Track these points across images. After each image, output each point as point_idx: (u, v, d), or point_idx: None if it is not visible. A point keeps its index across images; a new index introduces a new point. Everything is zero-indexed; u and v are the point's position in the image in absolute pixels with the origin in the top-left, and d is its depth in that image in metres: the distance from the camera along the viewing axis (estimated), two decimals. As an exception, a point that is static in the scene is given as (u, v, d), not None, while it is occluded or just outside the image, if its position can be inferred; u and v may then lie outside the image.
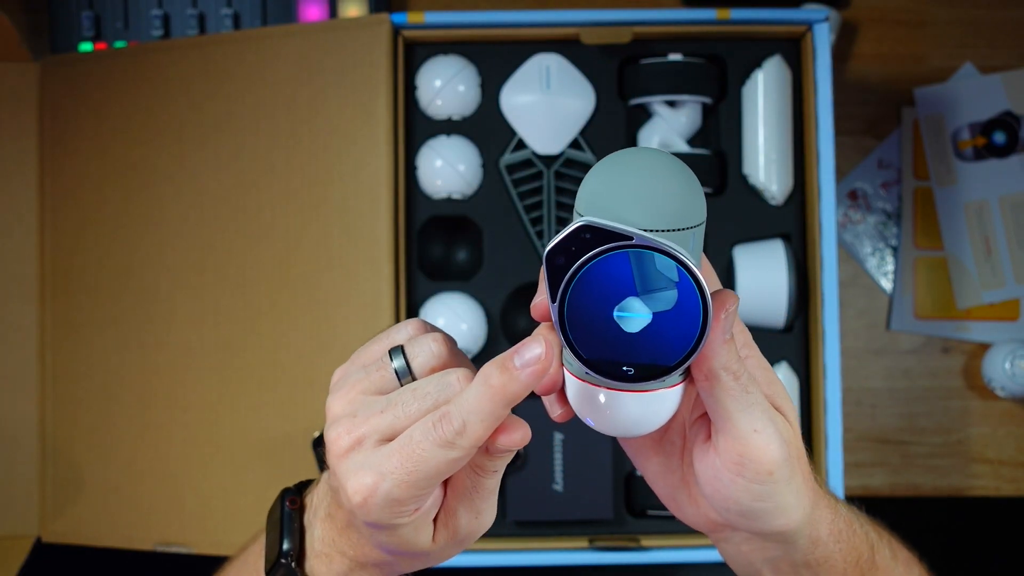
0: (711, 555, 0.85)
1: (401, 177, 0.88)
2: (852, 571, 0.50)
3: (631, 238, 0.40)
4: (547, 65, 0.89)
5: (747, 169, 0.89)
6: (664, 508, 0.87)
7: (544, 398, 0.46)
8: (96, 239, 0.92)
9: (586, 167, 0.89)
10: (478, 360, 0.88)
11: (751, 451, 0.43)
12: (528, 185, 0.90)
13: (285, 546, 0.56)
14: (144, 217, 0.91)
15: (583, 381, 0.43)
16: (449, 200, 0.89)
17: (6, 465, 0.93)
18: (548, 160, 0.90)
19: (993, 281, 1.04)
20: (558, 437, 0.86)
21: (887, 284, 1.05)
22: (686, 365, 0.41)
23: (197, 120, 0.90)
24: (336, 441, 0.49)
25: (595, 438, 0.86)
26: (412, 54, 0.90)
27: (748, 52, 0.89)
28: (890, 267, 1.05)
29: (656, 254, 0.40)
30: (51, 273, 0.94)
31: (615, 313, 0.41)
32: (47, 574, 0.95)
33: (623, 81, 0.90)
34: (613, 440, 0.87)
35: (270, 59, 0.89)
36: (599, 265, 0.40)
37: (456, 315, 0.86)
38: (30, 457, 0.93)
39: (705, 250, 0.44)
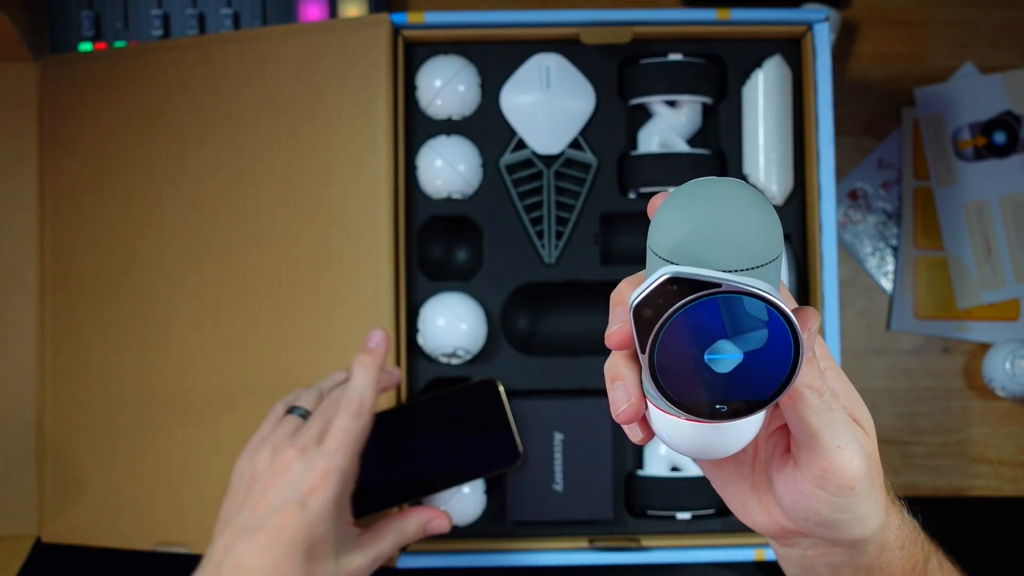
0: (711, 555, 0.85)
1: (401, 177, 0.88)
2: None
3: (719, 285, 0.40)
4: (547, 65, 0.89)
5: (747, 169, 0.89)
6: (664, 508, 0.87)
7: (629, 427, 0.47)
8: (96, 239, 0.92)
9: (586, 167, 0.89)
10: (478, 360, 0.89)
11: (834, 467, 0.44)
12: (528, 185, 0.90)
13: None
14: (144, 217, 0.91)
15: (668, 414, 0.44)
16: (449, 200, 0.89)
17: (6, 465, 0.93)
18: (548, 160, 0.90)
19: (993, 281, 1.04)
20: (558, 437, 0.86)
21: (887, 284, 1.05)
22: (779, 398, 0.42)
23: (197, 120, 0.90)
24: (283, 460, 0.70)
25: (595, 438, 0.86)
26: (412, 54, 0.90)
27: (748, 52, 0.89)
28: (890, 267, 1.05)
29: (744, 297, 0.40)
30: (51, 273, 0.94)
31: (706, 356, 0.41)
32: (47, 574, 0.95)
33: (623, 81, 0.90)
34: (613, 440, 0.87)
35: (270, 59, 0.89)
36: (688, 313, 0.40)
37: (456, 315, 0.86)
38: (30, 457, 0.93)
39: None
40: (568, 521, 0.87)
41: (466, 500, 0.86)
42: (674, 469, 0.88)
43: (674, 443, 0.46)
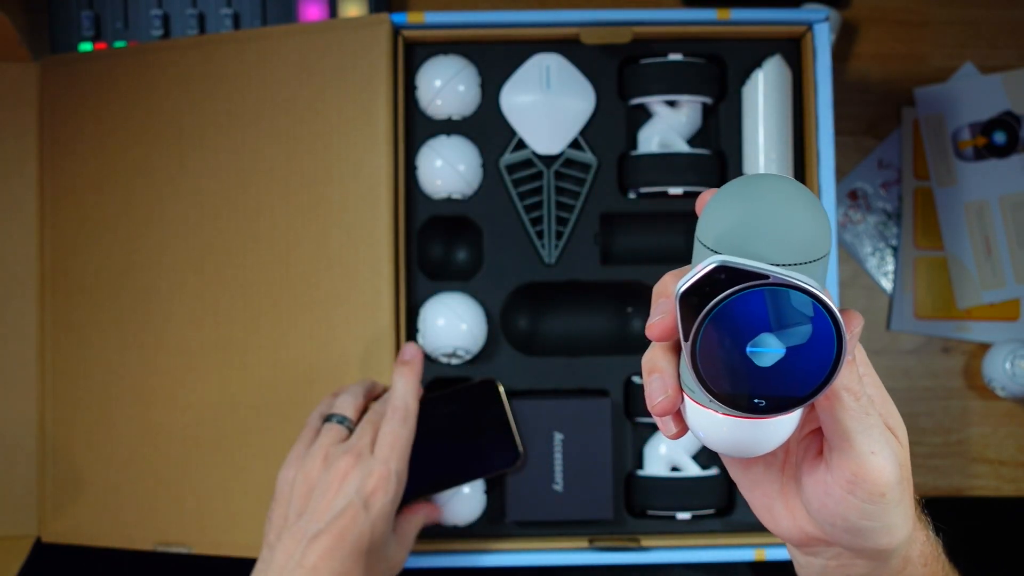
0: (711, 555, 0.85)
1: (401, 177, 0.88)
2: None
3: (767, 277, 0.40)
4: (547, 65, 0.89)
5: (747, 169, 0.89)
6: (664, 508, 0.87)
7: (663, 420, 0.47)
8: (96, 239, 0.92)
9: (586, 167, 0.89)
10: (478, 360, 0.89)
11: (866, 472, 0.44)
12: (528, 185, 0.90)
13: None
14: (144, 217, 0.91)
15: (704, 407, 0.44)
16: (449, 200, 0.89)
17: (6, 465, 0.93)
18: (548, 160, 0.90)
19: (993, 281, 1.04)
20: (558, 437, 0.86)
21: (887, 284, 1.06)
22: (818, 396, 0.42)
23: (197, 120, 0.90)
24: (340, 467, 0.74)
25: (595, 438, 0.86)
26: (412, 54, 0.90)
27: (748, 52, 0.89)
28: (890, 267, 1.05)
29: (791, 291, 0.40)
30: (51, 273, 0.94)
31: (748, 349, 0.41)
32: (47, 574, 0.95)
33: (623, 81, 0.90)
34: (613, 440, 0.87)
35: (270, 59, 0.89)
36: (734, 303, 0.40)
37: (456, 315, 0.86)
38: (30, 457, 0.93)
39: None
40: (568, 521, 0.87)
41: (466, 500, 0.86)
42: (674, 469, 0.88)
43: (709, 438, 0.45)
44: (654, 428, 0.89)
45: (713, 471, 0.87)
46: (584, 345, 0.92)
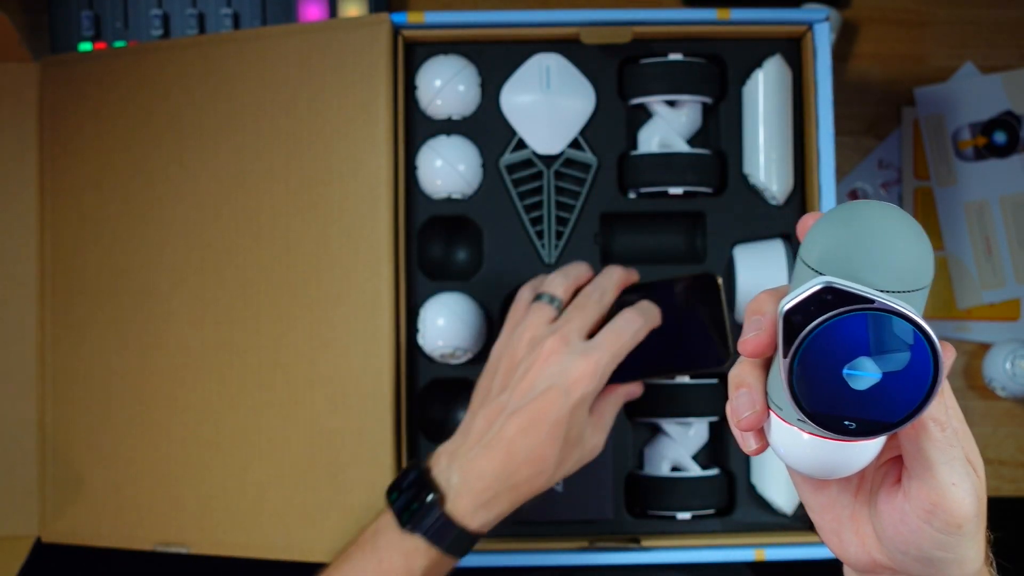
0: (711, 555, 0.85)
1: (401, 177, 0.88)
2: None
3: (872, 301, 0.41)
4: (547, 65, 0.89)
5: (747, 169, 0.89)
6: (664, 508, 0.87)
7: (745, 435, 0.48)
8: (96, 239, 0.92)
9: (586, 167, 0.89)
10: (478, 360, 0.88)
11: (946, 503, 0.44)
12: (528, 185, 0.90)
13: (429, 498, 0.73)
14: (144, 217, 0.91)
15: (791, 425, 0.45)
16: (449, 200, 0.89)
17: (6, 465, 0.93)
18: (548, 160, 0.90)
19: (993, 281, 1.04)
20: (558, 437, 0.86)
21: (887, 284, 1.05)
22: (909, 424, 0.42)
23: (196, 120, 0.90)
24: (545, 348, 0.74)
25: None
26: (412, 54, 0.90)
27: (748, 52, 0.89)
28: (890, 267, 1.05)
29: (894, 317, 0.41)
30: (51, 273, 0.94)
31: (845, 371, 0.42)
32: (47, 574, 0.95)
33: (623, 81, 0.90)
34: (613, 440, 0.87)
35: (270, 59, 0.89)
36: (836, 325, 0.41)
37: (456, 315, 0.86)
38: (30, 457, 0.93)
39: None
40: (568, 521, 0.87)
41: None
42: (674, 469, 0.88)
43: (791, 457, 0.46)
44: (654, 428, 0.89)
45: (714, 471, 0.87)
46: (584, 345, 0.92)
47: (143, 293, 0.91)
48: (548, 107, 0.88)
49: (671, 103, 0.90)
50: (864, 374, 0.41)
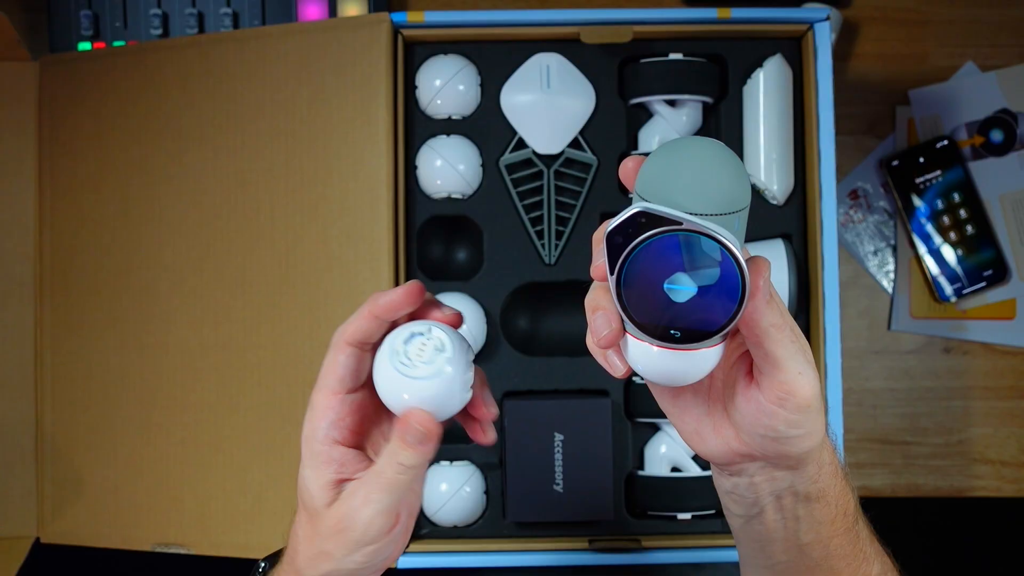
0: (711, 555, 0.85)
1: (401, 177, 0.88)
2: (840, 520, 0.56)
3: (681, 223, 0.46)
4: (547, 64, 0.89)
5: (748, 168, 0.89)
6: (664, 509, 0.87)
7: (608, 357, 0.52)
8: (95, 239, 0.92)
9: (586, 167, 0.89)
10: (478, 360, 0.88)
11: (796, 389, 0.50)
12: (528, 185, 0.89)
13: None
14: (143, 216, 0.91)
15: (638, 340, 0.49)
16: (449, 200, 0.89)
17: (5, 466, 0.93)
18: (548, 160, 0.89)
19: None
20: (558, 437, 0.86)
21: (888, 284, 1.05)
22: (725, 332, 0.47)
23: (196, 119, 0.90)
24: None
25: (595, 438, 0.86)
26: (412, 54, 0.90)
27: (749, 51, 0.89)
28: (891, 267, 1.05)
29: (703, 237, 0.45)
30: (50, 273, 0.93)
31: (665, 285, 0.47)
32: (46, 574, 0.95)
33: (623, 80, 0.90)
34: (613, 440, 0.87)
35: (269, 58, 0.89)
36: (652, 245, 0.46)
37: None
38: (29, 458, 0.93)
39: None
40: (568, 521, 0.87)
41: (466, 500, 0.86)
42: (675, 470, 0.88)
43: (646, 370, 0.51)
44: (654, 428, 0.89)
45: (713, 471, 0.87)
46: (584, 345, 0.91)
47: (142, 293, 0.91)
48: (548, 107, 0.88)
49: (671, 103, 0.90)
50: (681, 288, 0.46)
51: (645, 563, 0.86)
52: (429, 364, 0.55)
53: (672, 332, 0.47)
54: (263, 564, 0.65)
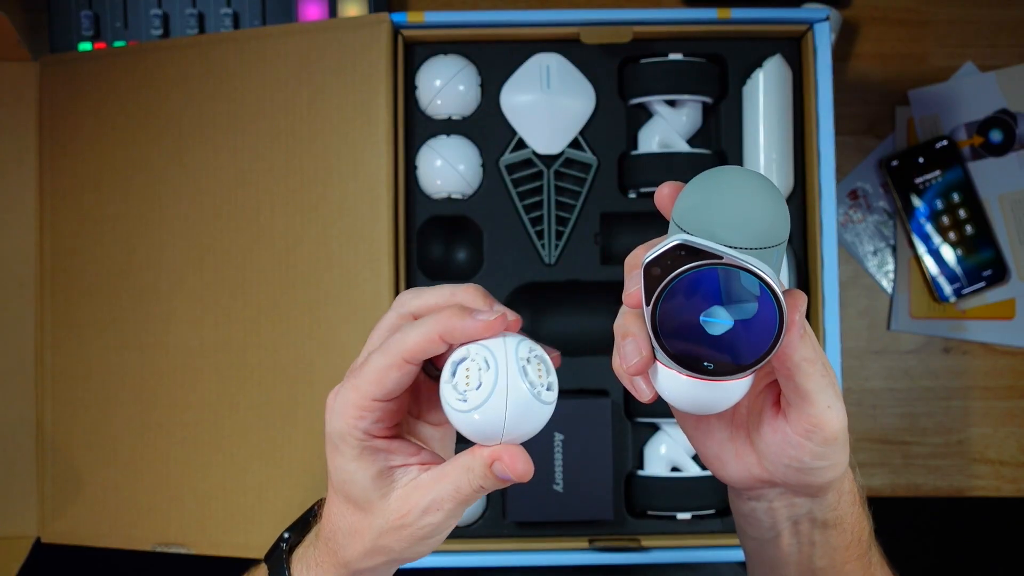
0: (711, 555, 0.85)
1: (401, 177, 0.88)
2: (854, 547, 0.56)
3: (721, 257, 0.46)
4: (547, 65, 0.89)
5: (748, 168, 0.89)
6: (664, 508, 0.87)
7: (636, 382, 0.51)
8: (95, 239, 0.92)
9: (586, 167, 0.89)
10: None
11: (824, 423, 0.50)
12: (528, 185, 0.90)
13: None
14: (143, 216, 0.91)
15: (667, 367, 0.49)
16: (449, 200, 0.89)
17: (5, 465, 0.93)
18: (548, 160, 0.89)
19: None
20: (558, 437, 0.86)
21: (888, 284, 1.05)
22: (759, 366, 0.47)
23: (196, 119, 0.90)
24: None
25: (595, 438, 0.86)
26: (412, 54, 0.90)
27: (748, 51, 0.89)
28: (891, 267, 1.05)
29: (741, 272, 0.46)
30: (50, 273, 0.93)
31: (701, 318, 0.47)
32: (47, 574, 0.95)
33: (623, 80, 0.90)
34: (613, 440, 0.87)
35: (270, 58, 0.89)
36: (691, 277, 0.46)
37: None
38: (29, 457, 0.93)
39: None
40: (568, 521, 0.87)
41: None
42: (674, 469, 0.88)
43: (673, 397, 0.51)
44: (654, 428, 0.89)
45: (713, 471, 0.87)
46: (584, 345, 0.92)
47: (143, 293, 0.91)
48: (548, 107, 0.88)
49: (671, 103, 0.90)
50: (718, 321, 0.46)
51: (645, 563, 0.87)
52: (478, 389, 0.50)
53: (706, 364, 0.47)
54: (286, 535, 0.62)
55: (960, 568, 1.06)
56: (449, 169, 0.88)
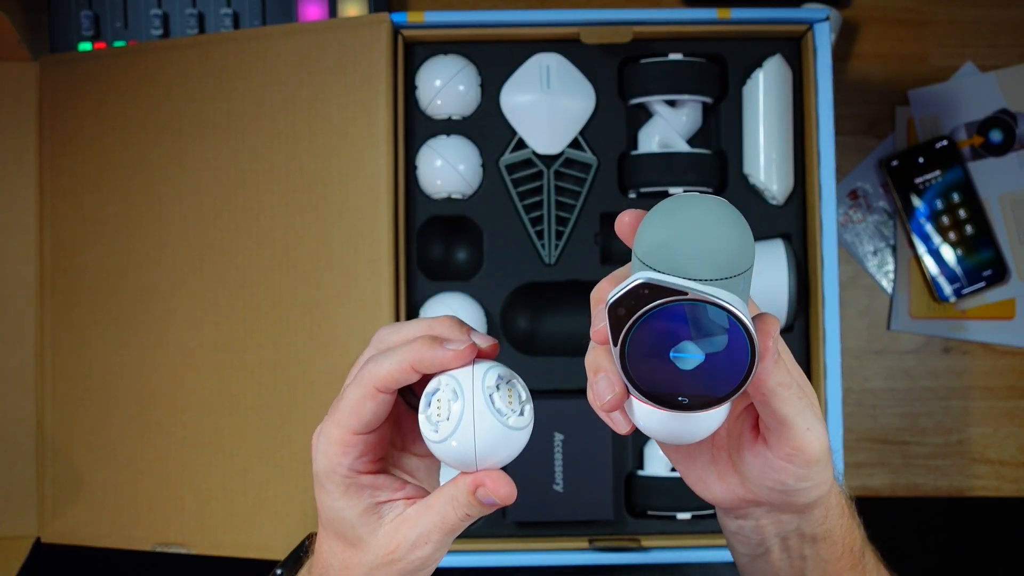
0: (711, 555, 0.85)
1: (401, 177, 0.88)
2: (846, 557, 0.56)
3: (686, 293, 0.44)
4: (547, 65, 0.89)
5: (747, 169, 0.89)
6: (664, 508, 0.87)
7: (612, 416, 0.50)
8: (95, 239, 0.92)
9: (586, 167, 0.89)
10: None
11: (805, 446, 0.49)
12: (528, 185, 0.90)
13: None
14: (143, 216, 0.91)
15: (643, 402, 0.48)
16: (449, 200, 0.89)
17: (5, 465, 0.93)
18: (548, 160, 0.89)
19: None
20: (558, 437, 0.86)
21: (888, 284, 1.05)
22: (734, 397, 0.46)
23: (196, 119, 0.90)
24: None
25: (595, 438, 0.86)
26: (412, 54, 0.90)
27: (748, 52, 0.89)
28: (891, 267, 1.05)
29: (708, 306, 0.44)
30: (51, 273, 0.93)
31: (671, 354, 0.45)
32: (47, 574, 0.95)
33: (623, 81, 0.90)
34: (613, 440, 0.87)
35: (270, 58, 0.89)
36: (657, 315, 0.45)
37: (456, 315, 0.86)
38: (29, 457, 0.93)
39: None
40: (568, 521, 0.87)
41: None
42: (674, 469, 0.88)
43: (650, 429, 0.50)
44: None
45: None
46: (584, 345, 0.91)
47: (143, 293, 0.91)
48: (548, 107, 0.88)
49: (671, 103, 0.90)
50: (688, 356, 0.45)
51: (645, 563, 0.87)
52: (448, 420, 0.50)
53: (680, 399, 0.46)
54: (279, 571, 0.63)
55: (960, 568, 1.06)
56: (449, 169, 0.88)
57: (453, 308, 0.87)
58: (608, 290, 0.48)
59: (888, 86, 1.06)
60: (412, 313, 0.88)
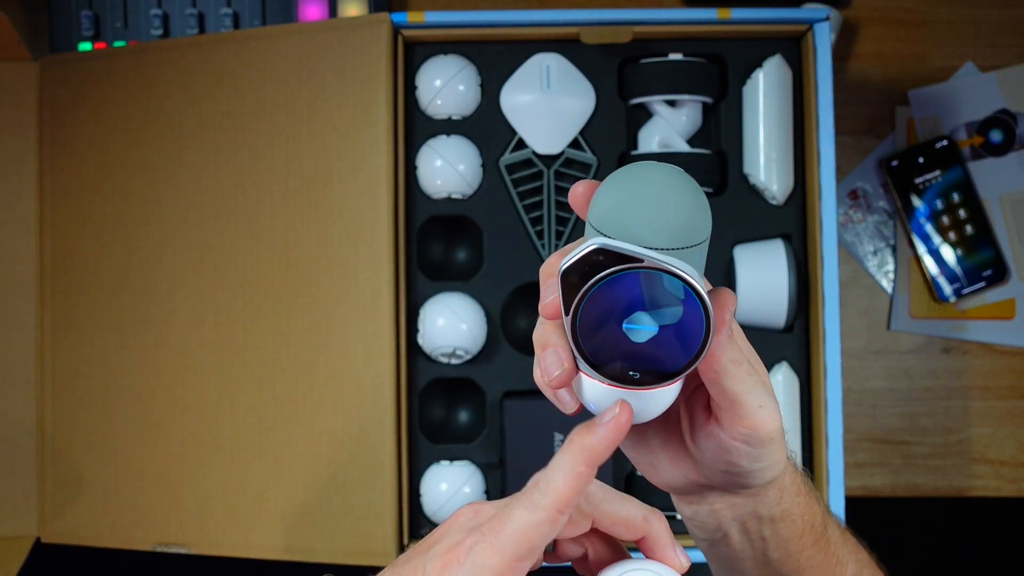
0: (711, 555, 0.85)
1: (401, 177, 0.88)
2: (808, 534, 0.54)
3: (641, 260, 0.42)
4: (547, 65, 0.89)
5: (748, 169, 0.89)
6: (664, 508, 0.87)
7: (559, 395, 0.48)
8: (95, 238, 0.92)
9: (586, 167, 0.89)
10: (478, 359, 0.88)
11: (757, 425, 0.48)
12: (528, 185, 0.90)
13: None
14: (143, 216, 0.91)
15: (591, 378, 0.46)
16: (449, 200, 0.89)
17: (5, 465, 0.93)
18: (548, 160, 0.89)
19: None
20: (558, 437, 0.86)
21: (888, 284, 1.05)
22: (687, 372, 0.44)
23: (196, 119, 0.90)
24: (458, 548, 0.48)
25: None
26: (412, 54, 0.90)
27: (748, 52, 0.89)
28: (891, 267, 1.05)
29: (664, 275, 0.42)
30: (50, 273, 0.93)
31: (624, 325, 0.43)
32: (47, 574, 0.95)
33: (623, 81, 0.90)
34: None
35: (270, 59, 0.89)
36: (611, 283, 0.43)
37: (456, 315, 0.86)
38: (29, 457, 0.93)
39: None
40: (568, 521, 0.87)
41: (466, 500, 0.86)
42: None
43: (597, 407, 0.48)
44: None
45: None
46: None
47: (143, 292, 0.91)
48: (548, 107, 0.88)
49: (671, 103, 0.90)
50: (642, 328, 0.43)
51: (645, 563, 0.86)
52: None
53: (632, 374, 0.44)
54: None
55: (960, 568, 1.06)
56: (449, 169, 0.88)
57: (453, 308, 0.87)
58: (558, 263, 0.46)
59: (888, 86, 1.06)
60: (412, 313, 0.88)
